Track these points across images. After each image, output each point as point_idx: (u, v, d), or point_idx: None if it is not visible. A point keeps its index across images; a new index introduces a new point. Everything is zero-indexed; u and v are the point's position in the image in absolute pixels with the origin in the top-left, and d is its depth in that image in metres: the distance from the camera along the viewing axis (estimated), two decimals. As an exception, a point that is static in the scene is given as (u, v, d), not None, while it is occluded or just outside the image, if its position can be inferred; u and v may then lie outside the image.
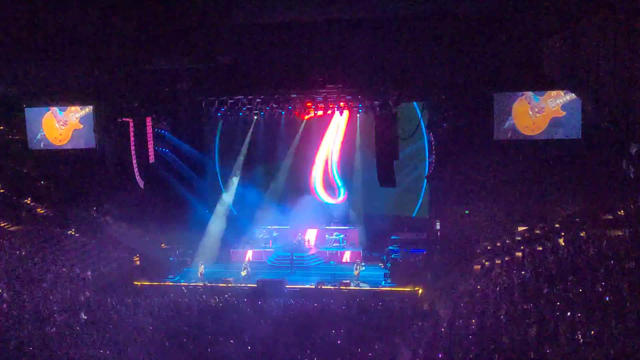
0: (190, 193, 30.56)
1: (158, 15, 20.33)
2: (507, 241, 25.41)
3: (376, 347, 17.95)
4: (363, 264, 27.94)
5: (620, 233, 19.98)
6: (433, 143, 26.07)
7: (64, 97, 25.67)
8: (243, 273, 27.02)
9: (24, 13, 20.34)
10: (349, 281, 25.55)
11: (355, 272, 26.25)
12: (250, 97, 26.09)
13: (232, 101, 26.70)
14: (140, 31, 20.93)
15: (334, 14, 20.45)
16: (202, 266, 27.58)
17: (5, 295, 22.67)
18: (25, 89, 25.59)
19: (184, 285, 26.65)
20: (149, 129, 26.22)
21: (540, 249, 22.94)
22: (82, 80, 24.59)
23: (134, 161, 25.88)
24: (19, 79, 24.70)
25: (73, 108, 26.13)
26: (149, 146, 26.36)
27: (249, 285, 26.11)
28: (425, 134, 27.53)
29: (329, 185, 31.80)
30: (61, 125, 26.33)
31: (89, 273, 26.08)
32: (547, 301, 17.54)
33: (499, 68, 21.94)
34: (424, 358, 16.84)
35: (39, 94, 25.58)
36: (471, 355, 15.90)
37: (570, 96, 22.04)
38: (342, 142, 31.10)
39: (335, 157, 31.49)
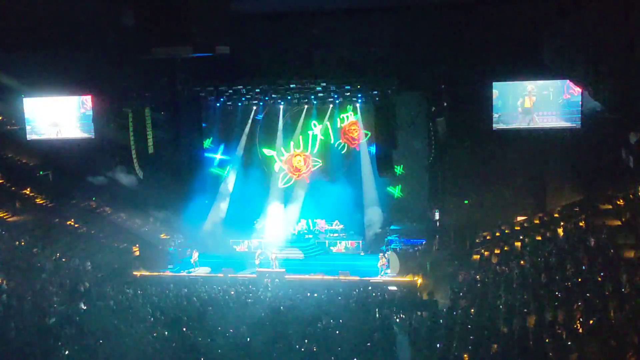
0: (189, 183, 30.46)
1: (157, 4, 20.21)
2: (506, 231, 25.44)
3: (375, 336, 17.98)
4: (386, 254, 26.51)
5: (619, 223, 20.01)
6: (432, 132, 26.03)
7: (63, 88, 25.59)
8: (257, 262, 27.04)
9: (22, 2, 20.24)
10: (348, 271, 25.49)
11: (379, 265, 25.88)
12: (249, 86, 26.06)
13: (231, 91, 26.70)
14: (139, 21, 20.81)
15: (332, 3, 20.39)
16: (196, 253, 27.53)
17: (4, 285, 22.70)
18: (23, 79, 25.51)
19: (183, 276, 26.66)
20: (148, 119, 26.18)
21: (539, 238, 22.98)
22: (81, 70, 24.53)
23: (133, 151, 25.86)
24: (17, 69, 24.63)
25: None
26: (148, 136, 26.31)
27: (247, 275, 26.10)
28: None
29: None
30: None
31: (88, 263, 26.07)
32: (546, 291, 17.57)
33: (498, 57, 21.89)
34: (422, 348, 16.87)
35: (37, 84, 25.49)
36: (470, 345, 15.92)
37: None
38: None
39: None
